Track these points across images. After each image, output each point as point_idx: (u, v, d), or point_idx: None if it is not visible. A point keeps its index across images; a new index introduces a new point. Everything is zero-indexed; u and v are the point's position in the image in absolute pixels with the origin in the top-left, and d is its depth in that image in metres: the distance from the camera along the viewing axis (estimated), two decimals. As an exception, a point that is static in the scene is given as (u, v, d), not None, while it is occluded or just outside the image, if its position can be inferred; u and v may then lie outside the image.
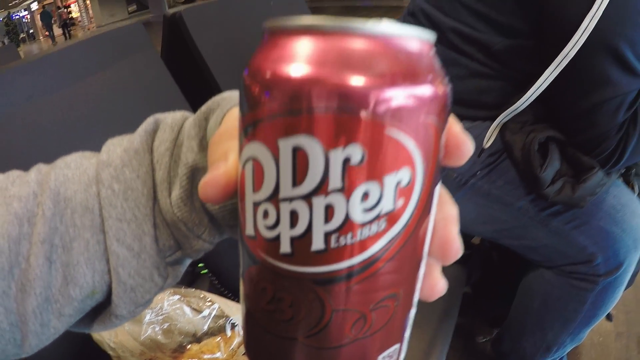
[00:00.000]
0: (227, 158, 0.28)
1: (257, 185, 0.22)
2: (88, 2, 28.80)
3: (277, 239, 0.22)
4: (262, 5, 1.74)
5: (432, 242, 0.25)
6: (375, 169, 0.20)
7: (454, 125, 0.25)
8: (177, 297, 0.90)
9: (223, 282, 1.11)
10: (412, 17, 1.15)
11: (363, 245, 0.21)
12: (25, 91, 0.96)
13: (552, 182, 0.98)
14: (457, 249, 0.26)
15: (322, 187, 0.20)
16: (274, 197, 0.21)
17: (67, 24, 26.60)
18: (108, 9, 26.22)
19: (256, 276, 0.24)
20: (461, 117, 1.07)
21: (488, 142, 1.04)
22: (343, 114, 0.20)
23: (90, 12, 28.87)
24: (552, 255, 1.11)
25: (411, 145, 0.21)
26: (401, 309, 0.25)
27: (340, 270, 0.22)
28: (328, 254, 0.21)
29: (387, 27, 0.21)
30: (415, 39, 0.22)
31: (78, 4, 31.32)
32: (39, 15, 29.13)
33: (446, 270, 0.26)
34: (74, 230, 0.34)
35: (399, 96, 0.20)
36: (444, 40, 1.06)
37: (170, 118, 0.38)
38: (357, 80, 0.20)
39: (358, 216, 0.21)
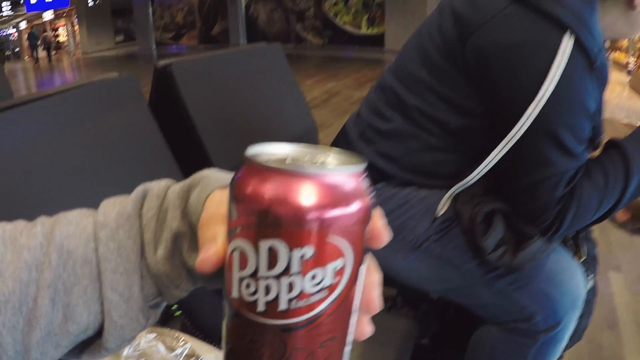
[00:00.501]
0: (216, 241, 0.38)
1: (242, 266, 0.33)
2: (76, 28, 28.90)
3: (255, 302, 0.33)
4: (248, 63, 1.83)
5: (361, 301, 0.36)
6: (320, 260, 0.32)
7: (377, 221, 0.36)
8: (153, 335, 0.98)
9: (195, 324, 1.20)
10: (382, 91, 1.26)
11: (312, 306, 0.33)
12: (12, 137, 0.99)
13: (495, 249, 1.08)
14: (377, 306, 0.38)
15: (287, 271, 0.31)
16: (255, 275, 0.32)
17: (51, 47, 26.72)
18: (95, 36, 26.31)
19: (238, 325, 0.35)
20: (420, 185, 1.19)
21: (441, 210, 1.15)
22: (300, 228, 0.31)
23: (78, 38, 28.93)
24: (497, 313, 1.21)
25: (344, 244, 0.32)
26: (339, 347, 0.36)
27: (298, 322, 0.33)
28: (290, 312, 0.33)
29: (329, 169, 0.33)
30: (348, 174, 0.33)
31: (66, 28, 31.43)
32: (26, 35, 29.17)
33: (399, 325, 0.39)
34: (74, 277, 0.44)
35: (336, 215, 0.31)
36: (407, 116, 1.17)
37: (156, 187, 0.49)
38: (308, 206, 0.31)
39: (309, 289, 0.32)
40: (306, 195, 0.31)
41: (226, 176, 0.47)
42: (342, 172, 0.33)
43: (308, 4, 15.69)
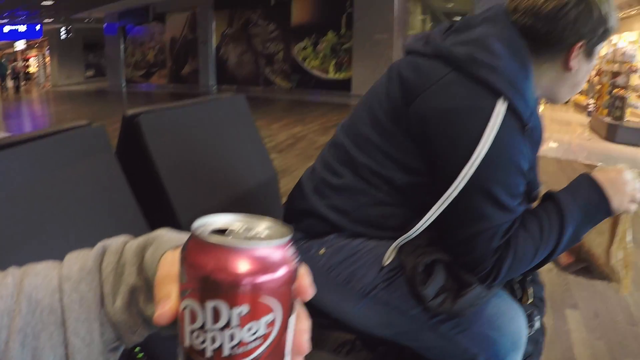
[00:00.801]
0: (170, 299, 0.45)
1: (192, 321, 0.41)
2: (47, 59, 28.69)
3: (204, 349, 0.41)
4: (214, 113, 1.92)
5: (292, 345, 0.44)
6: (255, 315, 0.40)
7: (302, 279, 0.45)
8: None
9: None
10: (335, 148, 1.35)
11: (250, 352, 0.41)
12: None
13: (436, 296, 1.16)
14: (306, 349, 0.45)
15: (228, 325, 0.40)
16: (203, 328, 0.40)
17: (19, 78, 26.46)
18: (66, 70, 26.13)
19: None
20: (370, 237, 1.27)
21: (387, 260, 1.22)
22: (237, 291, 0.39)
23: (48, 70, 28.71)
24: (444, 355, 1.28)
25: (274, 302, 0.41)
26: None
27: None
28: (232, 357, 0.41)
29: (259, 244, 0.41)
30: (276, 246, 0.42)
31: (37, 60, 31.17)
32: (-4, 65, 28.80)
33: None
34: (42, 324, 0.51)
35: (265, 280, 0.40)
36: (357, 172, 1.25)
37: (115, 244, 0.57)
38: (243, 274, 0.39)
39: (247, 338, 0.40)
40: (241, 265, 0.40)
41: (177, 237, 0.55)
42: (271, 245, 0.42)
43: (277, 48, 15.91)
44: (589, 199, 1.19)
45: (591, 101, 12.92)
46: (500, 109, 1.07)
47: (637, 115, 10.99)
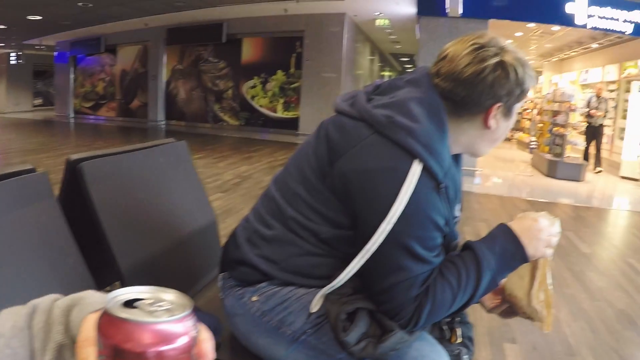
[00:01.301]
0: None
1: None
2: None
3: None
4: (155, 159, 1.96)
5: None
6: None
7: (203, 344, 0.53)
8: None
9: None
10: (267, 200, 1.41)
11: None
12: None
13: (358, 342, 1.20)
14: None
15: None
16: None
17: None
18: (14, 97, 25.17)
19: None
20: (300, 285, 1.33)
21: (314, 308, 1.27)
22: (143, 359, 0.47)
23: None
24: None
25: None
26: None
27: None
28: None
29: (161, 320, 0.49)
30: (176, 320, 0.50)
31: None
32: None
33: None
34: None
35: (166, 349, 0.48)
36: (286, 225, 1.31)
37: (44, 303, 0.62)
38: (146, 344, 0.47)
39: None
40: (145, 337, 0.47)
41: (100, 300, 0.61)
42: (172, 319, 0.49)
43: (227, 85, 15.92)
44: (505, 248, 1.26)
45: (533, 139, 13.34)
46: (416, 170, 1.14)
47: (576, 152, 11.46)
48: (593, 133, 10.82)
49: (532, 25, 11.36)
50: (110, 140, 12.97)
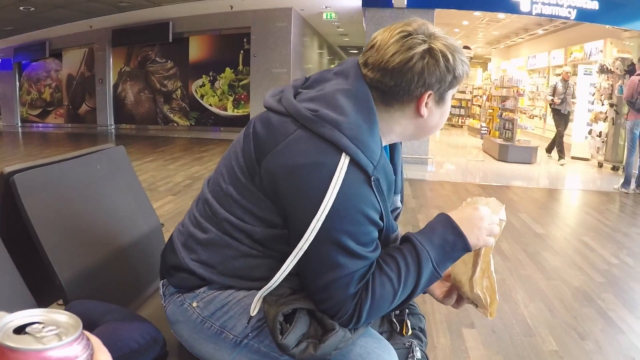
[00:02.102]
0: None
1: None
2: None
3: None
4: (92, 167, 1.90)
5: None
6: None
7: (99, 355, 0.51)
8: None
9: None
10: (201, 203, 1.37)
11: None
12: None
13: (297, 344, 1.18)
14: None
15: None
16: None
17: None
18: None
19: None
20: (239, 288, 1.30)
21: (254, 311, 1.25)
22: None
23: None
24: None
25: None
26: None
27: None
28: None
29: (50, 345, 0.47)
30: (67, 344, 0.48)
31: None
32: None
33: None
34: None
35: None
36: (220, 227, 1.28)
37: None
38: None
39: None
40: None
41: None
42: (60, 344, 0.48)
43: (175, 86, 15.72)
44: (445, 238, 1.23)
45: (484, 124, 13.57)
46: (344, 164, 1.12)
47: (526, 135, 11.68)
48: (564, 120, 10.55)
49: (478, 13, 11.50)
50: (60, 148, 12.66)
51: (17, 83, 19.79)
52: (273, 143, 1.18)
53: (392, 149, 1.47)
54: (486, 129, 12.97)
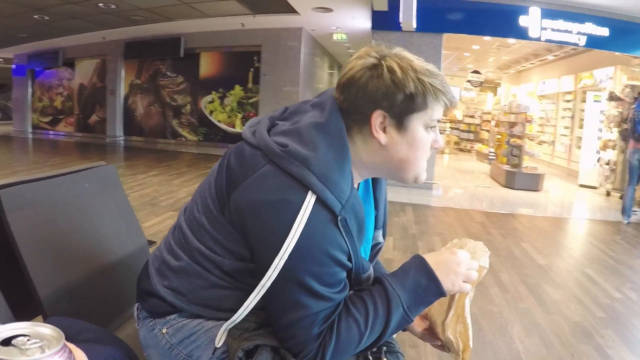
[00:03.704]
0: None
1: None
2: None
3: None
4: (80, 185, 1.89)
5: None
6: None
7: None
8: None
9: None
10: (176, 230, 1.36)
11: None
12: None
13: None
14: None
15: None
16: None
17: None
18: None
19: None
20: (208, 318, 1.28)
21: (218, 343, 1.22)
22: None
23: None
24: None
25: None
26: None
27: None
28: None
29: (34, 357, 0.49)
30: (48, 357, 0.50)
31: None
32: None
33: None
34: None
35: None
36: (191, 256, 1.26)
37: None
38: None
39: None
40: None
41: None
42: (43, 356, 0.50)
43: (185, 100, 15.79)
44: (418, 282, 1.20)
45: (492, 150, 13.55)
46: (309, 202, 1.09)
47: (535, 162, 11.64)
48: None
49: (488, 38, 11.52)
50: (67, 157, 12.75)
51: (30, 90, 20.04)
52: (243, 176, 1.16)
53: (375, 183, 1.45)
54: (494, 154, 12.95)
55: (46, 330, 0.55)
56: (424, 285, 1.20)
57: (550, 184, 10.97)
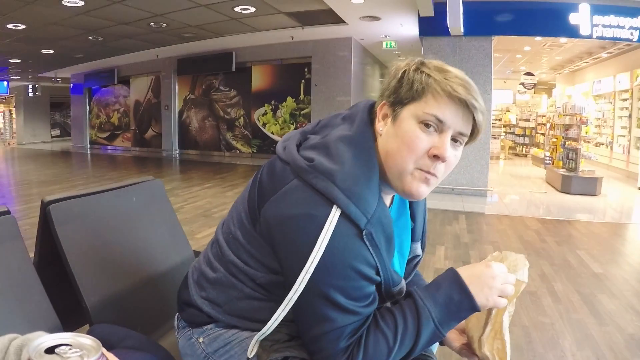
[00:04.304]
0: None
1: None
2: (14, 116, 28.25)
3: None
4: (129, 199, 1.97)
5: None
6: None
7: None
8: None
9: None
10: (214, 243, 1.40)
11: None
12: None
13: None
14: None
15: None
16: None
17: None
18: (32, 128, 25.73)
19: None
20: (243, 328, 1.30)
21: (250, 354, 1.24)
22: None
23: (15, 127, 28.33)
24: None
25: None
26: None
27: None
28: None
29: None
30: None
31: (4, 116, 30.57)
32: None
33: None
34: None
35: None
36: (227, 268, 1.30)
37: (2, 342, 0.71)
38: None
39: None
40: None
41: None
42: None
43: (238, 113, 16.04)
44: (450, 296, 1.18)
45: (547, 154, 13.25)
46: (334, 217, 1.09)
47: (592, 165, 11.30)
48: None
49: (539, 38, 11.29)
50: (124, 170, 13.12)
51: (87, 107, 20.81)
52: (272, 191, 1.18)
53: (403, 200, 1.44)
54: (549, 158, 12.66)
55: (86, 340, 0.61)
56: (457, 299, 1.17)
57: (609, 187, 10.61)
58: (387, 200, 1.30)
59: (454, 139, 1.17)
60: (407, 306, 1.19)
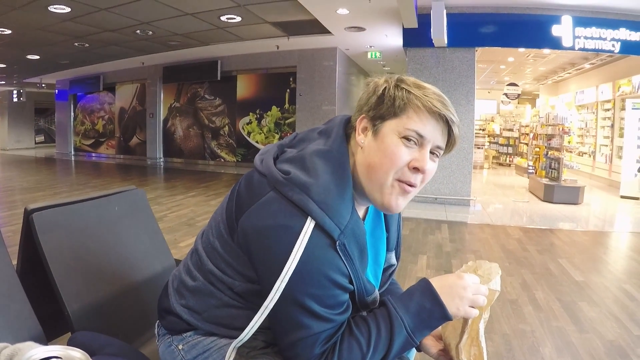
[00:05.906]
0: None
1: None
2: None
3: None
4: (111, 208, 1.99)
5: None
6: None
7: None
8: None
9: None
10: (193, 252, 1.43)
11: None
12: None
13: None
14: None
15: None
16: None
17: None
18: (16, 134, 25.47)
19: None
20: (222, 336, 1.33)
21: (228, 359, 1.27)
22: None
23: None
24: None
25: None
26: None
27: None
28: None
29: None
30: None
31: None
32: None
33: None
34: None
35: None
36: (206, 277, 1.33)
37: None
38: None
39: None
40: None
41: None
42: None
43: (223, 122, 16.01)
44: (422, 305, 1.22)
45: (530, 163, 13.37)
46: (308, 228, 1.13)
47: (574, 174, 11.40)
48: None
49: (522, 50, 11.41)
50: (108, 178, 13.04)
51: (72, 114, 20.68)
52: (249, 202, 1.21)
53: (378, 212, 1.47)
54: (533, 168, 12.78)
55: (76, 353, 0.64)
56: (429, 308, 1.22)
57: (591, 196, 10.72)
58: (361, 212, 1.35)
59: (432, 152, 1.23)
60: (380, 314, 1.23)
